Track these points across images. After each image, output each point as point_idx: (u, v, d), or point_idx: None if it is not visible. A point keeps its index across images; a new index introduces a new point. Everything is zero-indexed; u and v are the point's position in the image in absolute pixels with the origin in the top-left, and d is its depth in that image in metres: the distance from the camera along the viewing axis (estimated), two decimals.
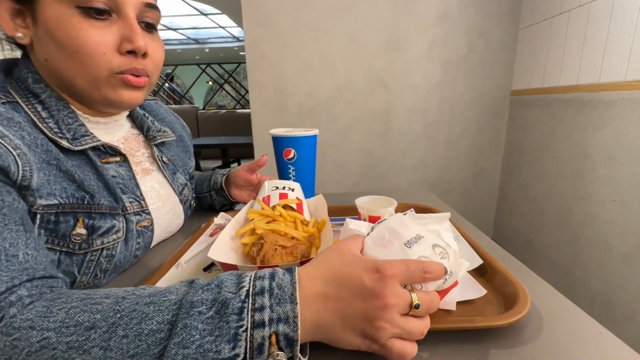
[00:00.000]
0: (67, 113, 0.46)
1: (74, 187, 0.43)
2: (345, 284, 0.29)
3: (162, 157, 0.60)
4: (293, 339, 0.26)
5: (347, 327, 0.28)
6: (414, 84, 1.79)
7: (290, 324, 0.26)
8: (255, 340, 0.25)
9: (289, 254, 0.45)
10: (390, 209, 0.57)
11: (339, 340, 0.29)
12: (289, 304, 0.27)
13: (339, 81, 1.79)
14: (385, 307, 0.27)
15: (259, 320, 0.26)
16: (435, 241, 0.39)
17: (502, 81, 1.80)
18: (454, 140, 1.88)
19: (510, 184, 1.86)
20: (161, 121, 0.67)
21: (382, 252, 0.36)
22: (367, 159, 1.90)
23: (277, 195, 0.58)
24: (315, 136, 0.73)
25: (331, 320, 0.28)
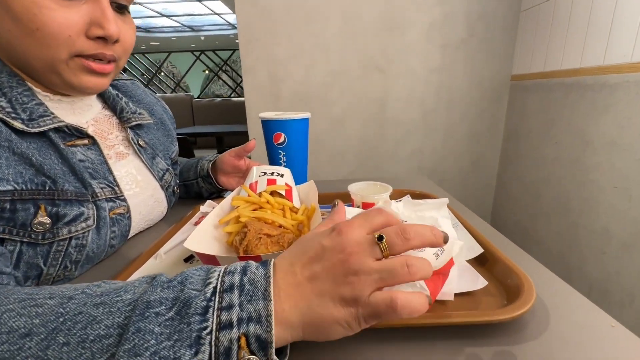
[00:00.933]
0: (22, 90, 0.41)
1: (32, 172, 0.39)
2: (311, 258, 0.26)
3: (137, 141, 0.56)
4: (266, 341, 0.22)
5: (325, 302, 0.24)
6: (412, 69, 1.74)
7: (262, 323, 0.22)
8: (221, 344, 0.22)
9: (275, 243, 0.42)
10: (385, 195, 0.54)
11: (324, 325, 0.24)
12: (261, 301, 0.23)
13: (333, 66, 1.73)
14: (348, 257, 0.25)
15: (226, 321, 0.22)
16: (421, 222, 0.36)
17: (502, 66, 1.75)
18: (452, 127, 1.84)
19: (508, 172, 1.83)
20: (138, 103, 0.63)
21: None
22: (363, 147, 1.86)
23: (264, 181, 0.54)
24: (307, 119, 0.69)
25: (308, 303, 0.24)
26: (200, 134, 2.80)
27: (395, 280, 0.25)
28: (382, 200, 0.53)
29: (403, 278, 0.25)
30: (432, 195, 0.63)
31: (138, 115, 0.58)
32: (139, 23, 5.70)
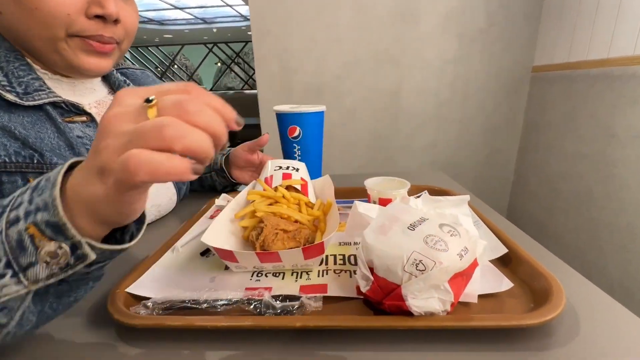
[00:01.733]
0: (19, 65, 0.42)
1: (18, 145, 0.39)
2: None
3: None
4: (57, 224, 0.22)
5: (89, 178, 0.22)
6: (426, 60, 1.70)
7: (49, 209, 0.22)
8: (11, 239, 0.22)
9: (291, 238, 0.41)
10: (403, 191, 0.53)
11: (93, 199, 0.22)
12: (48, 190, 0.22)
13: (345, 58, 1.70)
14: (106, 123, 0.22)
15: (13, 218, 0.22)
16: (443, 221, 0.34)
17: (522, 56, 1.68)
18: (467, 120, 1.79)
19: (526, 166, 1.78)
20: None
21: (383, 240, 0.32)
22: (375, 140, 1.84)
23: (280, 175, 0.54)
24: (322, 112, 0.68)
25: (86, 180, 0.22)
26: None
27: (144, 142, 0.20)
28: (400, 196, 0.52)
29: (153, 141, 0.20)
30: (451, 191, 0.61)
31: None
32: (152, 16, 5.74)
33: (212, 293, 0.35)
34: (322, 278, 0.38)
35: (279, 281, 0.38)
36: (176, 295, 0.35)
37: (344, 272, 0.39)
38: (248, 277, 0.39)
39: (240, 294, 0.35)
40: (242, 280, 0.39)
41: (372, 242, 0.32)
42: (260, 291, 0.35)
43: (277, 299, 0.34)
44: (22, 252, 0.22)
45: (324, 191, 0.57)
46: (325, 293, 0.35)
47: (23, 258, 0.22)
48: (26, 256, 0.22)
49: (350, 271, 0.39)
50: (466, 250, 0.31)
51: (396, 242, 0.31)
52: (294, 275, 0.39)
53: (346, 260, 0.42)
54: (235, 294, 0.35)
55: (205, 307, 0.33)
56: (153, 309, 0.33)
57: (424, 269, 0.28)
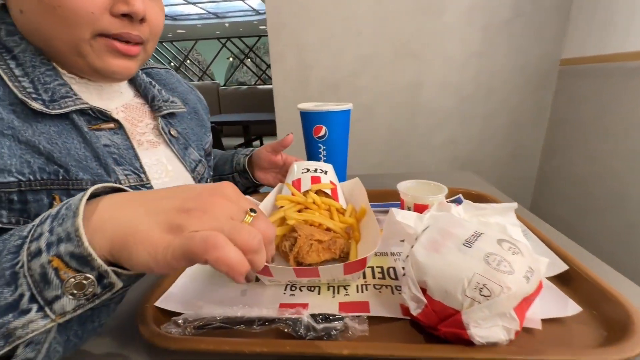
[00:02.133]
0: (45, 70, 0.39)
1: (42, 161, 0.37)
2: (169, 191, 0.25)
3: (169, 130, 0.54)
4: (82, 255, 0.21)
5: (150, 219, 0.23)
6: (448, 54, 1.63)
7: (72, 240, 0.21)
8: (34, 271, 0.21)
9: (326, 249, 0.38)
10: (440, 197, 0.49)
11: (132, 239, 0.22)
12: (70, 220, 0.22)
13: (363, 52, 1.65)
14: (209, 198, 0.24)
15: (35, 250, 0.22)
16: (500, 235, 0.31)
17: (551, 49, 1.60)
18: (490, 116, 1.72)
19: (552, 165, 1.70)
20: (172, 91, 0.60)
21: (437, 259, 0.29)
22: (392, 136, 1.79)
23: (308, 178, 0.51)
24: (349, 111, 0.65)
25: (132, 216, 0.23)
26: (228, 122, 2.81)
27: (233, 235, 0.22)
28: (437, 202, 0.48)
29: (240, 239, 0.22)
30: (491, 197, 0.57)
31: (170, 103, 0.55)
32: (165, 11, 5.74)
33: (246, 310, 0.33)
34: (362, 294, 0.35)
35: (314, 296, 0.36)
36: (208, 311, 0.33)
37: (384, 287, 0.36)
38: (281, 291, 0.37)
39: (276, 311, 0.33)
40: (276, 294, 0.36)
41: (425, 261, 0.29)
42: (298, 309, 0.32)
43: (317, 318, 0.31)
44: (46, 286, 0.22)
45: (354, 195, 0.54)
46: (367, 312, 0.32)
47: (48, 292, 0.22)
48: (51, 289, 0.22)
49: (391, 287, 0.36)
50: (531, 272, 0.28)
51: (453, 262, 0.28)
52: (330, 289, 0.36)
53: (385, 273, 0.39)
54: (271, 312, 0.32)
55: (240, 328, 0.30)
56: (185, 327, 0.31)
57: (489, 294, 0.25)
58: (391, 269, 0.40)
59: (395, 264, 0.41)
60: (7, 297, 0.21)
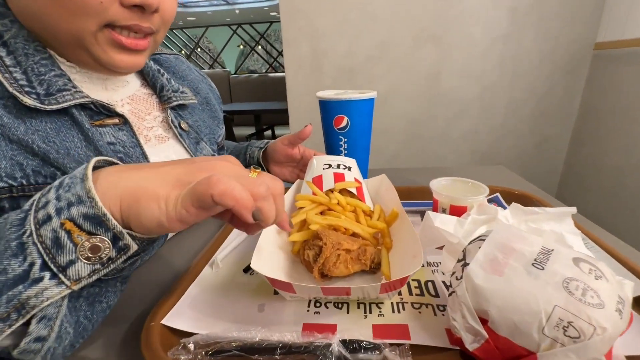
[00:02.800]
0: (40, 59, 0.35)
1: (37, 162, 0.33)
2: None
3: (179, 124, 0.49)
4: (97, 215, 0.21)
5: (157, 178, 0.24)
6: (471, 39, 1.53)
7: (84, 202, 0.21)
8: (45, 237, 0.21)
9: (356, 259, 0.33)
10: (481, 198, 0.44)
11: (142, 197, 0.22)
12: (78, 185, 0.22)
13: (380, 37, 1.56)
14: (215, 162, 0.26)
15: (43, 217, 0.21)
16: (575, 254, 0.25)
17: (584, 31, 1.48)
18: (514, 105, 1.62)
19: (580, 156, 1.61)
20: (181, 80, 0.55)
21: (501, 283, 0.23)
22: (409, 127, 1.71)
23: (330, 175, 0.46)
24: (373, 100, 0.59)
25: (141, 176, 0.24)
26: (239, 111, 2.76)
27: (242, 181, 0.23)
28: (477, 203, 0.42)
29: (247, 186, 0.23)
30: (534, 197, 0.50)
31: (180, 94, 0.50)
32: None
33: (265, 332, 0.28)
34: (399, 315, 0.30)
35: (343, 315, 0.31)
36: (222, 333, 0.28)
37: (424, 306, 0.31)
38: (304, 308, 0.32)
39: (299, 334, 0.28)
40: (298, 311, 0.32)
41: (486, 285, 0.24)
42: (326, 334, 0.27)
43: (348, 346, 0.26)
44: (59, 251, 0.21)
45: (381, 194, 0.49)
46: (408, 340, 0.27)
47: (61, 257, 0.21)
48: (65, 254, 0.21)
49: (432, 306, 0.31)
50: (622, 302, 0.22)
51: (523, 289, 0.22)
52: (361, 308, 0.32)
53: (423, 288, 0.34)
54: (294, 335, 0.28)
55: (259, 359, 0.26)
56: (196, 353, 0.26)
57: (577, 335, 0.20)
58: (429, 283, 0.35)
59: (434, 277, 0.36)
60: (16, 269, 0.20)
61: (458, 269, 0.28)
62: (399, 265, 0.34)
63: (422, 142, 1.74)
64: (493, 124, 1.67)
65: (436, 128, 1.71)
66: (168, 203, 0.22)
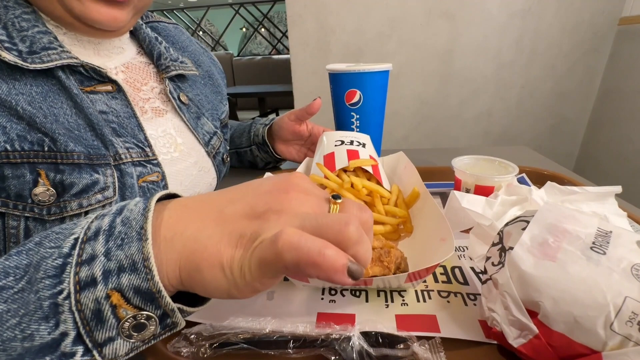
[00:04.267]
0: (22, 12, 0.31)
1: (22, 127, 0.29)
2: (236, 193, 0.21)
3: (178, 96, 0.45)
4: (150, 291, 0.17)
5: (220, 232, 0.19)
6: (487, 14, 1.45)
7: (138, 271, 0.17)
8: (85, 307, 0.17)
9: (377, 261, 0.28)
10: (509, 178, 0.40)
11: (203, 262, 0.18)
12: (134, 243, 0.18)
13: (390, 13, 1.48)
14: (284, 194, 0.20)
15: (86, 278, 0.17)
16: (638, 236, 0.22)
17: (609, 5, 1.39)
18: (531, 84, 1.55)
19: (598, 140, 1.54)
20: (181, 50, 0.51)
21: (555, 270, 0.20)
22: (420, 107, 1.65)
23: (344, 152, 0.42)
24: (388, 72, 0.54)
25: (199, 230, 0.19)
26: (243, 94, 2.70)
27: (320, 228, 0.18)
28: (506, 183, 0.39)
29: (331, 234, 0.18)
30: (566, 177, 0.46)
31: (180, 63, 0.46)
32: None
33: (276, 323, 0.25)
34: (425, 304, 0.27)
35: (362, 304, 0.28)
36: (227, 323, 0.25)
37: (453, 295, 0.28)
38: (318, 295, 0.29)
39: (313, 325, 0.25)
40: (312, 299, 0.29)
41: (535, 273, 0.20)
42: (345, 326, 0.24)
43: (370, 339, 0.23)
44: (99, 325, 0.17)
45: (399, 173, 0.45)
46: (437, 332, 0.24)
47: (100, 332, 0.17)
48: (104, 330, 0.18)
49: (462, 294, 0.28)
50: None
51: (584, 277, 0.19)
52: (382, 296, 0.28)
53: (450, 275, 0.31)
54: (308, 326, 0.25)
55: (270, 353, 0.23)
56: (199, 345, 0.24)
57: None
58: (457, 270, 0.31)
59: (461, 262, 0.32)
60: (45, 336, 0.17)
61: (494, 254, 0.25)
62: (425, 249, 0.30)
63: (433, 123, 1.68)
64: (508, 104, 1.60)
65: (449, 108, 1.64)
66: (233, 269, 0.18)
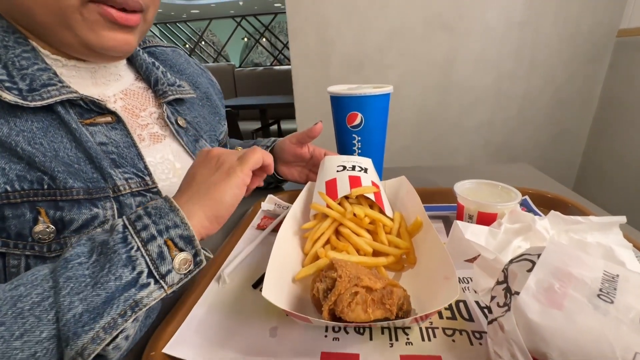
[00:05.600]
0: (21, 51, 0.32)
1: (22, 167, 0.30)
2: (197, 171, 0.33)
3: (176, 120, 0.46)
4: (189, 237, 0.28)
5: (210, 181, 0.31)
6: (486, 25, 1.46)
7: (180, 226, 0.28)
8: (152, 252, 0.26)
9: (378, 303, 0.26)
10: (512, 205, 0.39)
11: (217, 187, 0.31)
12: (171, 213, 0.28)
13: (390, 25, 1.50)
14: (217, 154, 0.34)
15: (147, 236, 0.27)
16: None
17: (607, 17, 1.40)
18: (532, 94, 1.55)
19: (600, 150, 1.53)
20: (179, 73, 0.52)
21: (562, 320, 0.20)
22: (420, 117, 1.65)
23: (345, 179, 0.42)
24: (389, 95, 0.54)
25: (201, 192, 0.31)
26: (245, 106, 2.72)
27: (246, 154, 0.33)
28: (509, 210, 0.38)
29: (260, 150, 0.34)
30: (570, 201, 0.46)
31: (177, 87, 0.47)
32: None
33: None
34: (430, 343, 0.27)
35: (366, 343, 0.27)
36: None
37: (458, 332, 0.28)
38: (322, 333, 0.29)
39: None
40: (315, 337, 0.28)
41: (542, 322, 0.20)
42: None
43: None
44: (162, 262, 0.26)
45: (401, 198, 0.45)
46: None
47: (163, 267, 0.26)
48: (165, 265, 0.26)
49: (467, 332, 0.28)
50: None
51: (591, 328, 0.19)
52: (386, 333, 0.28)
53: (455, 310, 0.30)
54: None
55: None
56: None
57: None
58: (461, 304, 0.31)
59: (465, 295, 0.32)
60: (128, 276, 0.25)
61: (499, 294, 0.24)
62: (429, 287, 0.30)
63: (434, 133, 1.68)
64: (508, 114, 1.60)
65: (449, 119, 1.65)
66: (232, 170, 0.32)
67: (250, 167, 0.32)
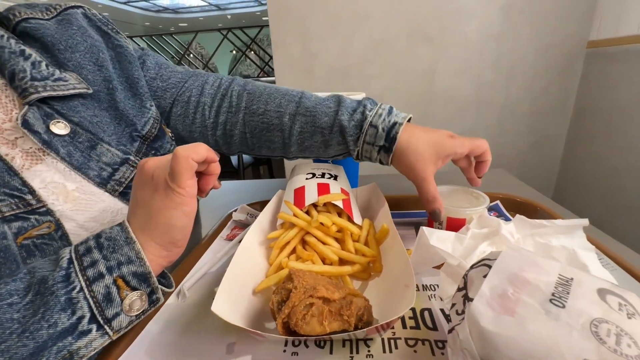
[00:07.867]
0: None
1: None
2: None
3: (47, 126, 0.33)
4: (144, 274, 0.25)
5: (142, 205, 0.27)
6: (466, 37, 1.50)
7: (134, 262, 0.25)
8: (97, 293, 0.23)
9: (336, 315, 0.25)
10: (481, 209, 0.39)
11: (158, 213, 0.26)
12: (126, 247, 0.25)
13: (373, 37, 1.53)
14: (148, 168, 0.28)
15: (94, 274, 0.24)
16: (599, 282, 0.21)
17: (577, 29, 1.45)
18: (511, 103, 1.59)
19: (577, 156, 1.57)
20: (69, 52, 0.37)
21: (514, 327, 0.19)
22: None
23: (314, 187, 0.41)
24: None
25: (145, 217, 0.27)
26: None
27: (172, 167, 0.26)
28: (477, 215, 0.38)
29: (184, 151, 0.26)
30: (540, 205, 0.46)
31: (52, 82, 0.33)
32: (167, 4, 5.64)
33: None
34: (391, 355, 0.26)
35: (325, 356, 0.26)
36: None
37: (420, 343, 0.27)
38: (281, 347, 0.27)
39: None
40: (273, 353, 0.27)
41: (494, 329, 0.19)
42: None
43: None
44: (109, 305, 0.23)
45: (371, 206, 0.44)
46: None
47: (109, 310, 0.23)
48: (112, 308, 0.24)
49: (429, 342, 0.27)
50: None
51: (542, 335, 0.18)
52: (346, 346, 0.27)
53: (419, 319, 0.29)
54: None
55: None
56: None
57: None
58: (426, 312, 0.30)
59: (431, 304, 0.31)
60: (65, 322, 0.22)
61: (459, 301, 0.24)
62: (391, 295, 0.29)
63: None
64: (489, 122, 1.64)
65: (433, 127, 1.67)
66: (164, 189, 0.26)
67: (184, 179, 0.26)
